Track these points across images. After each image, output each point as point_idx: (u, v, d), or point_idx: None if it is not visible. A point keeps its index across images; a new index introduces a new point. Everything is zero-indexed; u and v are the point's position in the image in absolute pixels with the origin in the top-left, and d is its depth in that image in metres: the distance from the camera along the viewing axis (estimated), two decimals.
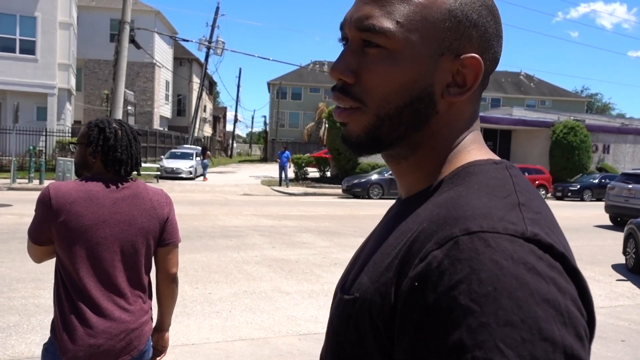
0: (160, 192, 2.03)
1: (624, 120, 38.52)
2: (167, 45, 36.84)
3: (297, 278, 6.78)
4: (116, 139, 1.95)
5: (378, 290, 0.61)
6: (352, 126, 0.70)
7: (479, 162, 0.68)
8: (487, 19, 0.68)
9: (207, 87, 45.13)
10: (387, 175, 19.57)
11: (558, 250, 0.54)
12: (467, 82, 0.67)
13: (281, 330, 4.83)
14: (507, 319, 0.48)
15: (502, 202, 0.59)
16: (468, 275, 0.51)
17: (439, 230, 0.57)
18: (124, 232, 1.90)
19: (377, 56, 0.67)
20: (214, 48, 34.38)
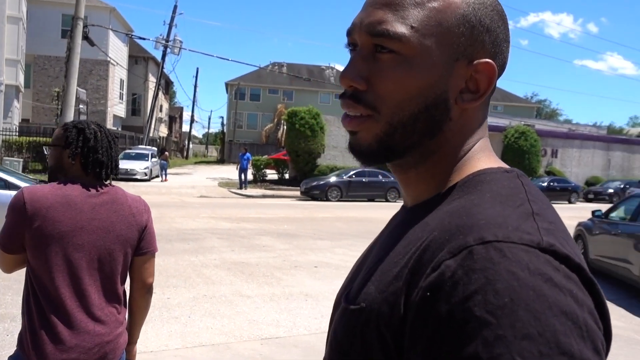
0: (139, 198, 1.97)
1: (570, 126, 40.13)
2: (122, 42, 35.89)
3: (257, 281, 6.74)
4: (96, 140, 1.88)
5: (386, 300, 0.59)
6: (362, 134, 0.68)
7: (490, 170, 0.66)
8: (498, 24, 0.67)
9: (164, 86, 44.22)
10: (345, 178, 19.71)
11: (574, 262, 0.53)
12: (480, 88, 0.66)
13: (242, 334, 4.78)
14: (525, 331, 0.46)
15: (516, 211, 0.58)
16: (483, 286, 0.49)
17: (451, 239, 0.56)
18: (102, 240, 1.82)
19: (391, 62, 0.65)
20: (171, 47, 33.76)
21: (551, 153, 30.34)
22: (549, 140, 30.09)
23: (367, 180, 19.94)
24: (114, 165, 1.93)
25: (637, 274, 6.61)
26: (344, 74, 0.67)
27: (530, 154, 26.16)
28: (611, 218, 7.94)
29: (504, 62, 0.69)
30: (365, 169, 20.95)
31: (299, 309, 5.63)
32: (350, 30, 0.69)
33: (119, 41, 34.84)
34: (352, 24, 0.69)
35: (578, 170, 31.02)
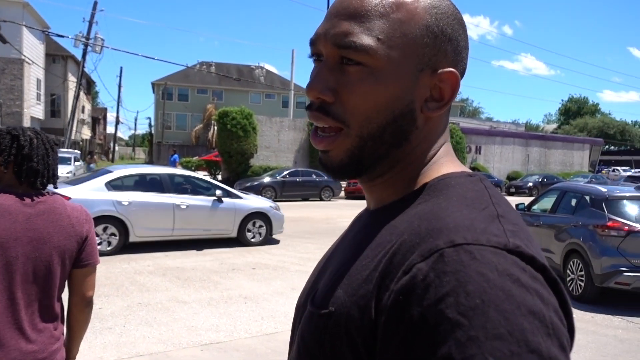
0: (80, 208, 1.87)
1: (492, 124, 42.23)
2: (38, 40, 33.89)
3: (194, 286, 6.58)
4: (32, 147, 1.76)
5: (356, 303, 0.59)
6: (335, 152, 0.68)
7: (454, 174, 0.68)
8: (459, 32, 0.69)
9: (85, 86, 42.21)
10: (279, 178, 19.66)
11: (539, 262, 0.55)
12: (444, 96, 0.68)
13: (181, 342, 4.65)
14: (496, 332, 0.48)
15: (482, 214, 0.59)
16: (455, 288, 0.50)
17: (422, 242, 0.56)
18: (37, 251, 1.72)
19: (358, 74, 0.65)
20: (92, 45, 32.25)
21: (475, 150, 31.77)
22: (473, 138, 31.48)
23: (301, 179, 19.99)
24: (51, 174, 1.82)
25: (558, 262, 7.06)
26: (311, 86, 0.66)
27: (457, 151, 27.26)
28: (533, 210, 8.42)
29: (464, 69, 0.71)
30: (299, 169, 21.01)
31: (238, 312, 5.56)
32: (314, 40, 0.69)
33: (34, 38, 32.88)
34: (316, 34, 0.69)
35: (500, 166, 32.69)
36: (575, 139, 39.27)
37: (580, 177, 28.26)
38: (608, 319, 5.90)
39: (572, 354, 2.82)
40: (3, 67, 30.22)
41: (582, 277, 6.54)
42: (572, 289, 6.71)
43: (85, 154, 37.17)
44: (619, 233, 6.28)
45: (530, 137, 36.14)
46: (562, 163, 35.62)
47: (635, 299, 6.69)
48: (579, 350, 4.76)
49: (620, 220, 6.39)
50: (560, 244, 7.12)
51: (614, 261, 6.21)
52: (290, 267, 7.83)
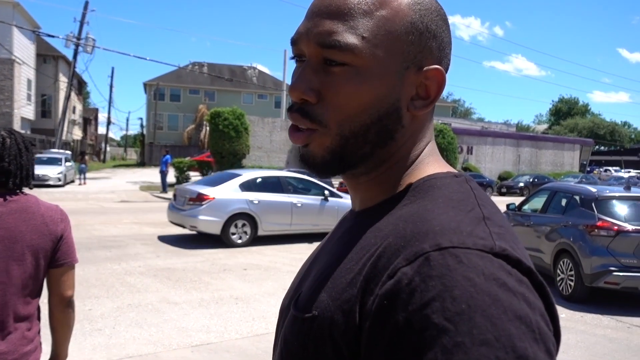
0: (54, 207, 1.84)
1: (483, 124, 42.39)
2: (28, 40, 33.64)
3: (185, 287, 6.55)
4: (3, 147, 1.75)
5: (340, 308, 0.57)
6: (313, 147, 0.67)
7: (440, 175, 0.67)
8: (442, 29, 0.68)
9: (76, 86, 41.95)
10: None
11: (525, 265, 0.54)
12: (430, 94, 0.67)
13: (171, 343, 4.63)
14: (482, 337, 0.47)
15: (468, 216, 0.58)
16: (441, 293, 0.49)
17: (407, 245, 0.55)
18: (8, 250, 1.70)
19: (343, 75, 0.63)
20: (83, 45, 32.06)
21: (467, 150, 31.89)
22: (464, 138, 31.60)
23: None
24: (24, 174, 1.79)
25: (548, 262, 7.10)
26: (294, 87, 0.65)
27: (448, 151, 27.33)
28: (524, 210, 8.46)
29: (447, 65, 0.70)
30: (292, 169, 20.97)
31: (229, 313, 5.54)
32: (295, 40, 0.67)
33: (24, 38, 32.64)
34: (297, 34, 0.66)
35: (491, 166, 32.84)
36: (565, 140, 39.54)
37: (570, 177, 28.44)
38: (597, 318, 5.93)
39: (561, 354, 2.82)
40: None
41: (572, 276, 6.58)
42: (562, 288, 6.74)
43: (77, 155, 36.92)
44: (608, 233, 6.33)
45: (521, 137, 36.33)
46: (553, 163, 35.84)
47: (625, 298, 6.74)
48: (568, 350, 4.79)
49: (610, 220, 6.44)
50: (550, 244, 7.16)
51: (603, 261, 6.25)
52: (282, 268, 7.82)
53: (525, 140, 35.56)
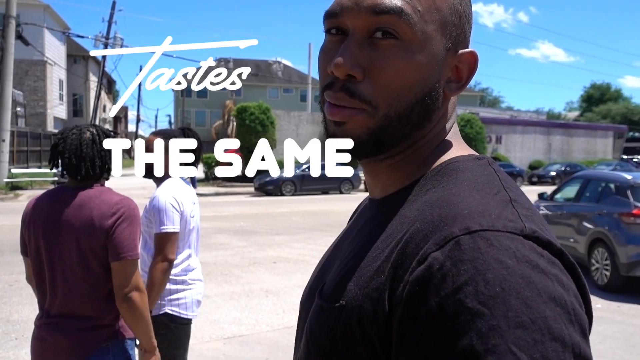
0: (109, 201, 1.84)
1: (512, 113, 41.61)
2: (59, 41, 34.44)
3: (216, 280, 6.64)
4: (65, 144, 1.83)
5: (368, 296, 0.56)
6: (351, 126, 0.63)
7: (462, 157, 0.66)
8: (471, 14, 0.68)
9: (106, 85, 42.74)
10: (298, 172, 19.69)
11: (556, 247, 0.53)
12: (462, 77, 0.66)
13: (204, 335, 4.71)
14: (518, 320, 0.46)
15: (494, 199, 0.57)
16: (473, 277, 0.48)
17: (435, 230, 0.54)
18: (60, 246, 1.82)
19: (393, 49, 0.61)
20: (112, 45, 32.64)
21: (496, 139, 31.37)
22: (493, 127, 31.09)
23: (320, 173, 19.99)
24: (89, 166, 1.84)
25: (583, 252, 6.94)
26: (340, 62, 0.60)
27: (477, 141, 26.96)
28: (556, 199, 8.29)
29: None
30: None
31: (260, 306, 5.59)
32: (337, 12, 0.63)
33: (55, 40, 33.42)
34: (340, 5, 0.63)
35: (521, 155, 32.23)
36: (598, 127, 38.51)
37: (604, 164, 27.72)
38: (635, 308, 5.78)
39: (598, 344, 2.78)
40: (26, 69, 30.80)
41: (607, 266, 6.43)
42: (597, 278, 6.59)
43: None
44: None
45: (551, 125, 35.55)
46: (586, 151, 34.96)
47: None
48: (605, 341, 4.69)
49: None
50: (584, 233, 7.00)
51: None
52: (311, 261, 7.85)
53: (556, 128, 34.78)
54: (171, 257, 2.35)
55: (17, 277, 6.61)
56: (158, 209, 2.37)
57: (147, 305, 1.90)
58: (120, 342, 1.88)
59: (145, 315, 1.88)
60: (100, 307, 1.86)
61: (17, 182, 19.05)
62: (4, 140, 17.61)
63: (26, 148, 24.42)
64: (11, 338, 4.57)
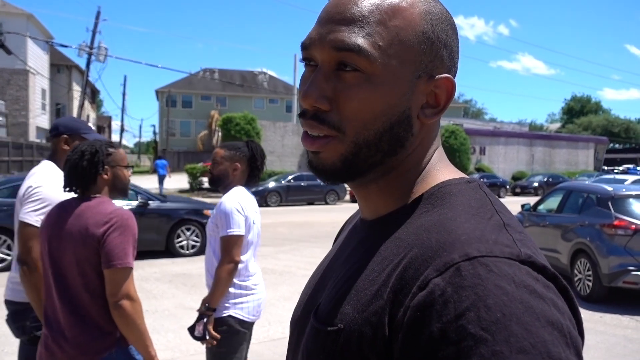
0: (104, 211, 1.92)
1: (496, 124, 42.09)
2: (42, 50, 34.13)
3: (201, 292, 6.57)
4: (68, 159, 2.02)
5: (367, 320, 0.57)
6: (325, 154, 0.66)
7: (453, 181, 0.67)
8: (452, 38, 0.68)
9: (90, 95, 42.39)
10: (284, 183, 19.68)
11: (550, 271, 0.55)
12: (440, 102, 0.67)
13: (189, 349, 4.66)
14: (519, 345, 0.47)
15: (489, 224, 0.58)
16: (475, 303, 0.50)
17: (435, 256, 0.55)
18: (58, 250, 1.92)
19: (356, 80, 0.63)
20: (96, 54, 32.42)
21: (479, 151, 31.70)
22: (477, 139, 31.42)
23: (305, 184, 20.00)
24: (77, 180, 1.99)
25: (565, 263, 7.02)
26: (307, 94, 0.64)
27: (461, 152, 27.23)
28: (539, 211, 8.38)
29: (455, 73, 0.71)
30: (303, 173, 21.03)
31: None
32: (307, 45, 0.66)
33: (38, 49, 33.11)
34: (310, 39, 0.66)
35: (505, 166, 32.60)
36: (579, 138, 39.12)
37: (585, 176, 28.13)
38: (617, 318, 5.86)
39: None
40: (8, 78, 30.44)
41: (589, 276, 6.51)
42: (580, 289, 6.67)
43: None
44: (626, 232, 6.24)
45: (534, 137, 36.04)
46: (567, 162, 35.48)
47: None
48: (587, 351, 4.73)
49: (627, 219, 6.36)
50: (567, 244, 7.09)
51: (621, 260, 6.17)
52: (297, 272, 7.83)
53: (538, 140, 35.26)
54: (237, 259, 2.48)
55: None
56: (225, 213, 2.49)
57: (141, 314, 1.92)
58: (124, 349, 1.91)
59: (138, 323, 1.89)
60: (101, 314, 1.89)
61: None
62: None
63: (7, 158, 24.06)
64: None
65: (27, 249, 2.22)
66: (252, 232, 2.63)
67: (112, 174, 2.05)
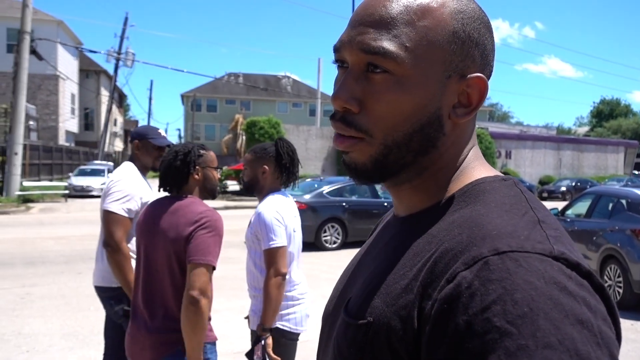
0: (196, 210, 2.04)
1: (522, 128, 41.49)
2: (71, 56, 34.96)
3: (225, 295, 6.63)
4: (163, 161, 2.19)
5: (397, 314, 0.58)
6: (355, 155, 0.67)
7: (488, 179, 0.67)
8: (485, 36, 0.67)
9: (117, 99, 43.25)
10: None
11: (585, 269, 0.54)
12: (472, 102, 0.66)
13: None
14: (546, 340, 0.46)
15: (522, 220, 0.58)
16: (502, 296, 0.49)
17: (465, 250, 0.55)
18: (152, 245, 2.06)
19: (385, 83, 0.63)
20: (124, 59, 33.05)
21: (505, 154, 31.29)
22: (502, 142, 31.03)
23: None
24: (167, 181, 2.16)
25: (595, 269, 6.87)
26: (337, 96, 0.65)
27: (486, 156, 26.87)
28: (567, 215, 8.23)
29: (490, 72, 0.70)
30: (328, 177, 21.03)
31: None
32: (338, 47, 0.67)
33: (68, 55, 33.93)
34: (340, 41, 0.67)
35: (531, 170, 32.09)
36: (609, 142, 38.30)
37: (614, 180, 27.51)
38: None
39: None
40: (39, 83, 31.27)
41: (620, 283, 6.36)
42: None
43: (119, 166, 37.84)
44: None
45: (562, 140, 35.42)
46: (596, 166, 34.76)
47: None
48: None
49: None
50: (596, 250, 6.94)
51: None
52: (320, 275, 7.83)
53: (566, 144, 34.64)
54: (283, 270, 2.36)
55: (29, 290, 6.65)
56: (265, 225, 2.39)
57: (208, 315, 1.99)
58: None
59: (204, 323, 1.94)
60: (180, 310, 1.99)
61: (29, 195, 19.24)
62: (17, 154, 17.82)
63: (38, 161, 24.69)
64: (22, 351, 4.58)
65: (110, 232, 2.59)
66: (292, 241, 2.51)
67: (202, 175, 2.17)
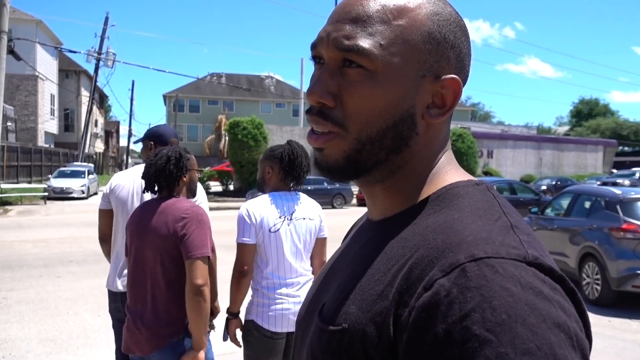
0: (181, 207, 2.18)
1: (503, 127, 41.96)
2: (51, 56, 34.45)
3: None
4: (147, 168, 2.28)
5: (372, 320, 0.57)
6: (329, 151, 0.67)
7: (461, 183, 0.67)
8: (461, 40, 0.68)
9: (98, 100, 42.67)
10: None
11: (558, 273, 0.55)
12: (446, 103, 0.67)
13: None
14: (524, 347, 0.47)
15: (496, 225, 0.58)
16: (480, 304, 0.49)
17: (440, 256, 0.55)
18: (143, 247, 2.18)
19: (359, 77, 0.64)
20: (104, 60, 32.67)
21: (487, 154, 31.59)
22: (484, 142, 31.32)
23: (312, 188, 20.00)
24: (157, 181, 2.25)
25: (573, 266, 6.97)
26: (312, 90, 0.66)
27: (468, 155, 27.11)
28: (547, 214, 8.34)
29: (466, 75, 0.71)
30: (310, 177, 21.05)
31: None
32: (315, 44, 0.68)
33: (47, 55, 33.43)
34: (318, 37, 0.68)
35: (513, 170, 32.46)
36: (588, 141, 38.90)
37: (594, 179, 27.94)
38: (626, 323, 5.81)
39: None
40: (17, 83, 30.75)
41: (598, 280, 6.46)
42: (588, 293, 6.62)
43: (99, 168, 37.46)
44: (634, 235, 6.20)
45: (542, 140, 35.88)
46: (576, 165, 35.29)
47: None
48: (596, 355, 4.69)
49: (636, 222, 6.31)
50: (575, 248, 7.04)
51: (630, 264, 6.12)
52: None
53: (546, 143, 35.10)
54: (240, 267, 2.50)
55: (6, 294, 6.54)
56: (237, 221, 2.56)
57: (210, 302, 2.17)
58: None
59: (208, 310, 2.13)
60: (172, 303, 2.15)
61: (7, 198, 18.92)
62: None
63: (16, 163, 24.27)
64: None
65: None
66: (270, 241, 2.50)
67: (189, 177, 2.35)
